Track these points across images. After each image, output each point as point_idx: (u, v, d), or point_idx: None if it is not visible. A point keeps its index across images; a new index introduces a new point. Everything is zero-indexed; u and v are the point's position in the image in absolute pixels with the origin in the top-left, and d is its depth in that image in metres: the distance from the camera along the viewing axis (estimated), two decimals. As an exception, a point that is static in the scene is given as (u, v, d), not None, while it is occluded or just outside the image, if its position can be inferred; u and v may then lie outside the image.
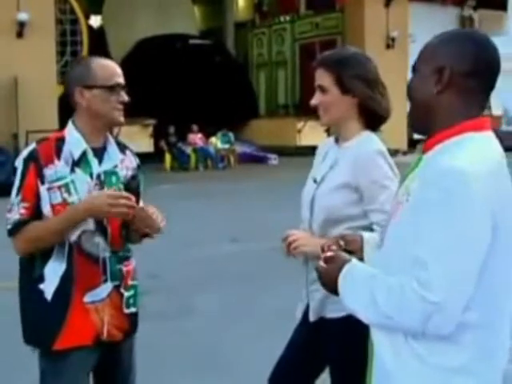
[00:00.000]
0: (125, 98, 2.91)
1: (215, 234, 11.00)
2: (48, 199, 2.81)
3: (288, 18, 32.00)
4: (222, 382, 5.05)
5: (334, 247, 2.28)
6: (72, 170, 2.84)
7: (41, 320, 2.88)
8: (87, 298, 2.85)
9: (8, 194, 2.93)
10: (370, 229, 2.73)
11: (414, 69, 2.11)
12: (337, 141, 3.02)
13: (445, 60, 1.99)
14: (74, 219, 2.79)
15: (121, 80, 2.91)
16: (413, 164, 2.11)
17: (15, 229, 2.84)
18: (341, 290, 2.07)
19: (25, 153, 2.90)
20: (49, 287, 2.83)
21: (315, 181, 2.98)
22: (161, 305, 6.64)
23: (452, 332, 1.89)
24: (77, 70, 2.97)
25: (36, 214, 2.82)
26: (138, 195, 2.98)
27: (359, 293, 2.00)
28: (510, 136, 27.38)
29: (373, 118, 2.93)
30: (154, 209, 2.92)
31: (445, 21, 29.21)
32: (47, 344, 2.85)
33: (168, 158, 22.93)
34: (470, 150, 1.93)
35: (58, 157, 2.85)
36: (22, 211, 2.83)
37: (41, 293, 2.84)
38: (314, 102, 2.95)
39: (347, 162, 2.86)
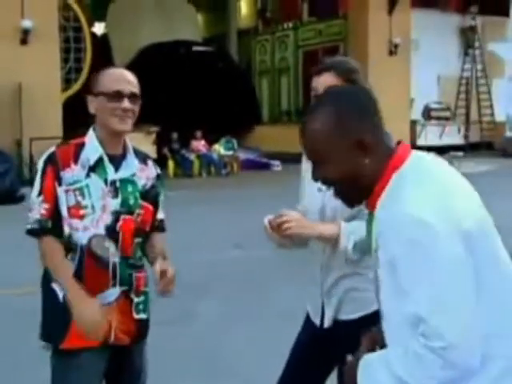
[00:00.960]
0: (126, 105, 2.90)
1: (218, 239, 11.01)
2: (65, 201, 2.89)
3: (291, 24, 32.05)
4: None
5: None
6: (88, 175, 2.91)
7: (52, 319, 2.96)
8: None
9: (13, 200, 2.95)
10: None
11: (314, 163, 2.06)
12: None
13: (355, 132, 1.96)
14: (68, 294, 2.87)
15: (124, 87, 2.92)
16: (368, 223, 2.11)
17: (36, 230, 2.91)
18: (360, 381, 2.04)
19: (45, 155, 2.98)
20: (62, 288, 2.90)
21: (320, 190, 2.97)
22: (163, 309, 6.62)
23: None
24: (92, 79, 3.07)
25: (55, 215, 2.89)
26: (156, 205, 3.10)
27: (380, 379, 1.96)
28: (512, 142, 27.41)
29: None
30: (170, 272, 2.91)
31: (447, 27, 29.30)
32: (56, 342, 2.93)
33: (171, 164, 22.95)
34: (410, 186, 1.91)
35: (76, 161, 2.92)
36: (43, 212, 2.89)
37: (54, 292, 2.92)
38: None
39: None
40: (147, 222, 3.06)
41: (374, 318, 2.24)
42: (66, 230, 2.90)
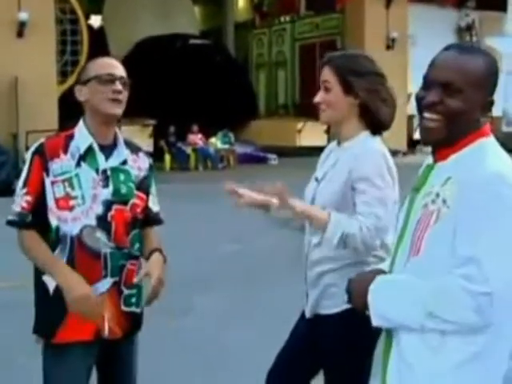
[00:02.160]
0: (119, 87, 2.88)
1: (215, 233, 11.01)
2: (52, 193, 2.85)
3: (288, 18, 32.04)
4: (223, 380, 5.06)
5: None
6: (78, 165, 2.88)
7: (44, 313, 2.94)
8: None
9: (8, 193, 2.94)
10: None
11: (450, 85, 2.10)
12: (339, 144, 3.05)
13: (491, 91, 2.14)
14: (57, 279, 2.85)
15: (115, 71, 2.91)
16: (423, 173, 2.19)
17: (15, 222, 2.90)
18: (372, 299, 2.12)
19: (33, 147, 2.95)
20: (51, 280, 2.87)
21: (316, 179, 3.02)
22: (161, 304, 6.63)
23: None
24: (80, 71, 3.06)
25: (38, 208, 2.86)
26: (147, 195, 3.07)
27: (398, 299, 2.07)
28: (509, 137, 27.44)
29: (373, 122, 2.95)
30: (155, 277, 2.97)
31: (444, 22, 29.28)
32: (48, 337, 2.91)
33: (168, 158, 22.93)
34: (494, 155, 2.08)
35: (65, 152, 2.89)
36: (24, 205, 2.88)
37: (45, 286, 2.90)
38: (316, 99, 2.98)
39: (347, 160, 2.89)
40: (142, 212, 3.04)
41: (353, 314, 2.28)
42: (54, 222, 2.86)
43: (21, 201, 2.88)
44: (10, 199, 2.95)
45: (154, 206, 3.14)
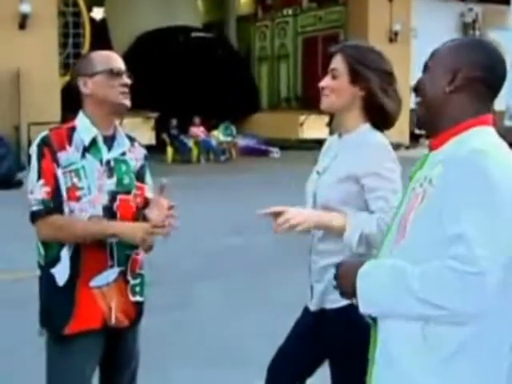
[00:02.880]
0: (127, 80, 2.95)
1: (217, 226, 11.02)
2: (64, 183, 2.88)
3: (291, 11, 31.93)
4: (224, 373, 5.06)
5: None
6: (83, 156, 2.92)
7: (54, 305, 2.95)
8: (93, 283, 2.91)
9: (10, 185, 2.94)
10: None
11: (426, 67, 2.20)
12: (340, 136, 3.05)
13: (459, 63, 2.12)
14: (99, 235, 2.86)
15: (121, 65, 2.97)
16: (420, 161, 2.19)
17: (40, 210, 2.87)
18: (360, 285, 2.09)
19: (38, 139, 2.96)
20: (63, 272, 2.90)
21: (318, 172, 3.01)
22: (163, 297, 6.65)
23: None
24: (79, 64, 3.09)
25: (57, 196, 2.87)
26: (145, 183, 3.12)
27: (387, 284, 2.03)
28: (512, 131, 27.41)
29: (376, 117, 2.94)
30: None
31: (447, 15, 29.20)
32: (58, 328, 2.92)
33: (170, 150, 22.92)
34: (485, 139, 2.06)
35: (70, 143, 2.92)
36: (44, 194, 2.87)
37: (54, 278, 2.91)
38: (322, 83, 2.98)
39: (348, 153, 2.88)
40: (143, 201, 3.08)
41: (357, 308, 2.27)
42: (66, 211, 2.89)
43: (40, 191, 2.87)
44: (11, 191, 2.96)
45: (150, 193, 3.17)
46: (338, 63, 2.94)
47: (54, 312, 2.95)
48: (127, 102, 2.97)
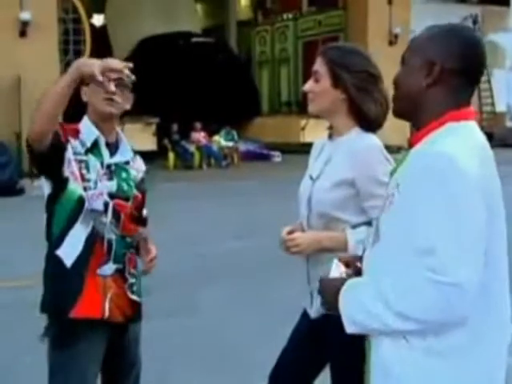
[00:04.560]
0: (111, 88, 2.91)
1: (219, 231, 11.01)
2: (69, 167, 2.91)
3: (291, 15, 31.98)
4: (227, 378, 5.05)
5: (349, 271, 2.30)
6: (85, 155, 2.98)
7: (59, 288, 2.96)
8: (100, 271, 2.96)
9: (12, 193, 2.93)
10: (369, 224, 2.73)
11: (403, 59, 2.14)
12: (330, 137, 3.02)
13: (436, 55, 2.05)
14: (70, 75, 2.77)
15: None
16: (401, 158, 2.15)
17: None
18: (343, 304, 2.07)
19: None
20: (71, 252, 2.92)
21: (311, 177, 2.98)
22: (164, 302, 6.64)
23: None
24: None
25: (58, 139, 2.85)
26: (144, 197, 3.20)
27: (367, 302, 1.99)
28: (513, 132, 27.36)
29: (362, 119, 2.91)
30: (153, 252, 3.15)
31: (447, 17, 29.18)
32: (65, 311, 2.91)
33: (171, 156, 22.93)
34: (454, 138, 1.98)
35: (77, 139, 2.98)
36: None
37: (59, 259, 2.93)
38: (305, 87, 2.98)
39: (342, 156, 2.85)
40: (139, 210, 3.18)
41: None
42: (78, 190, 2.92)
43: None
44: (13, 198, 2.95)
45: (144, 211, 3.28)
46: (319, 66, 2.92)
47: (62, 294, 2.94)
48: (112, 109, 3.02)
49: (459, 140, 1.97)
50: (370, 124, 2.92)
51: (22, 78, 18.77)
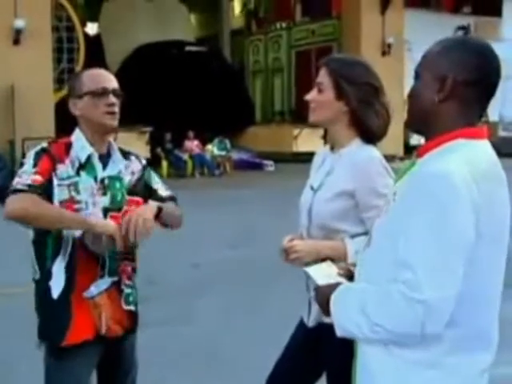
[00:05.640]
0: (112, 100, 2.95)
1: (212, 240, 11.00)
2: (57, 195, 2.88)
3: (284, 25, 32.06)
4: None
5: (341, 272, 2.33)
6: (77, 173, 2.94)
7: (51, 317, 2.97)
8: (86, 294, 2.93)
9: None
10: (367, 234, 2.74)
11: (417, 74, 2.12)
12: (332, 149, 3.04)
13: (447, 69, 2.02)
14: (72, 221, 2.83)
15: (108, 84, 2.99)
16: (405, 168, 2.14)
17: (20, 190, 2.81)
18: (333, 309, 2.09)
19: (37, 148, 2.97)
20: (57, 285, 2.92)
21: (312, 188, 2.99)
22: (160, 311, 6.63)
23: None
24: (70, 84, 3.15)
25: (46, 189, 2.83)
26: (147, 195, 3.13)
27: (350, 309, 2.02)
28: (506, 141, 27.48)
29: (364, 132, 2.92)
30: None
31: (440, 28, 29.29)
32: (58, 340, 2.93)
33: (164, 164, 22.93)
34: (458, 154, 1.96)
35: (67, 157, 2.95)
36: (33, 181, 2.83)
37: (47, 291, 2.93)
38: (308, 97, 2.97)
39: (344, 168, 2.86)
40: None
41: None
42: None
43: (30, 177, 2.83)
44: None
45: (164, 192, 3.24)
46: (323, 77, 2.93)
47: (52, 325, 2.96)
48: (113, 122, 2.99)
49: (461, 159, 1.94)
50: (371, 136, 2.93)
51: (15, 85, 18.78)
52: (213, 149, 24.06)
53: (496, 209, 1.98)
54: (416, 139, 27.30)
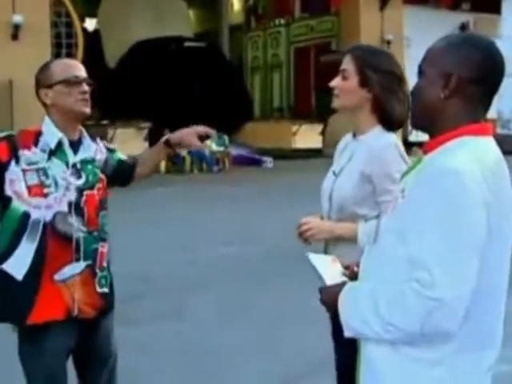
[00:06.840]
0: (85, 88, 3.05)
1: (210, 236, 10.99)
2: (23, 180, 2.95)
3: (283, 21, 32.04)
4: (216, 382, 5.05)
5: (345, 272, 2.34)
6: (49, 159, 3.02)
7: (11, 298, 2.99)
8: (57, 277, 2.97)
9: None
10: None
11: (420, 70, 2.11)
12: (354, 136, 3.09)
13: (453, 66, 2.02)
14: None
15: (79, 73, 3.08)
16: (412, 164, 2.16)
17: None
18: (341, 310, 2.08)
19: (1, 134, 3.08)
20: (20, 267, 2.95)
21: (334, 173, 3.06)
22: (155, 307, 6.64)
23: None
24: (39, 74, 3.26)
25: None
26: (111, 174, 3.22)
27: (361, 310, 2.01)
28: (504, 139, 27.48)
29: (386, 119, 2.98)
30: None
31: (439, 24, 29.29)
32: (22, 319, 2.98)
33: (163, 160, 22.88)
34: (466, 151, 1.96)
35: (35, 145, 3.04)
36: None
37: (5, 272, 2.98)
38: (332, 83, 3.02)
39: (362, 153, 2.94)
40: (106, 192, 3.19)
41: None
42: (21, 207, 2.95)
43: None
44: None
45: (123, 156, 3.37)
46: (347, 64, 2.98)
47: (13, 305, 2.99)
48: (86, 110, 3.08)
49: (470, 156, 1.95)
50: (392, 123, 3.00)
51: (13, 81, 18.74)
52: (211, 145, 24.01)
53: (503, 205, 1.99)
54: (415, 136, 27.32)
